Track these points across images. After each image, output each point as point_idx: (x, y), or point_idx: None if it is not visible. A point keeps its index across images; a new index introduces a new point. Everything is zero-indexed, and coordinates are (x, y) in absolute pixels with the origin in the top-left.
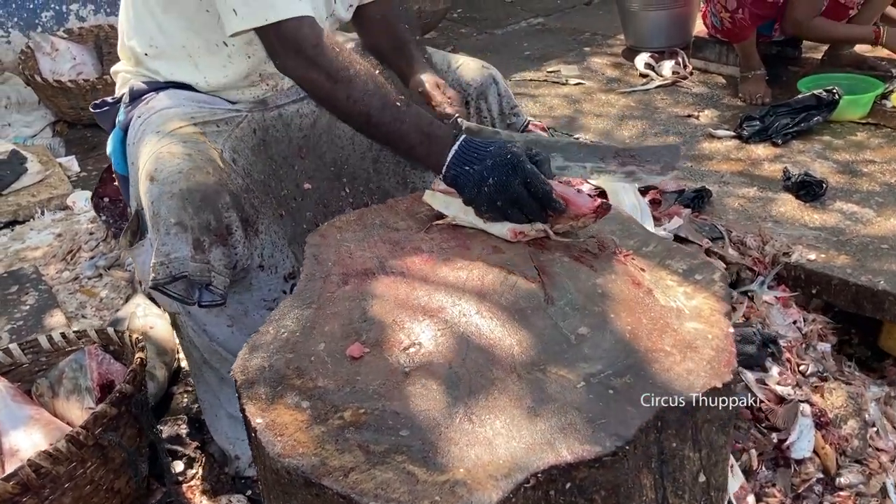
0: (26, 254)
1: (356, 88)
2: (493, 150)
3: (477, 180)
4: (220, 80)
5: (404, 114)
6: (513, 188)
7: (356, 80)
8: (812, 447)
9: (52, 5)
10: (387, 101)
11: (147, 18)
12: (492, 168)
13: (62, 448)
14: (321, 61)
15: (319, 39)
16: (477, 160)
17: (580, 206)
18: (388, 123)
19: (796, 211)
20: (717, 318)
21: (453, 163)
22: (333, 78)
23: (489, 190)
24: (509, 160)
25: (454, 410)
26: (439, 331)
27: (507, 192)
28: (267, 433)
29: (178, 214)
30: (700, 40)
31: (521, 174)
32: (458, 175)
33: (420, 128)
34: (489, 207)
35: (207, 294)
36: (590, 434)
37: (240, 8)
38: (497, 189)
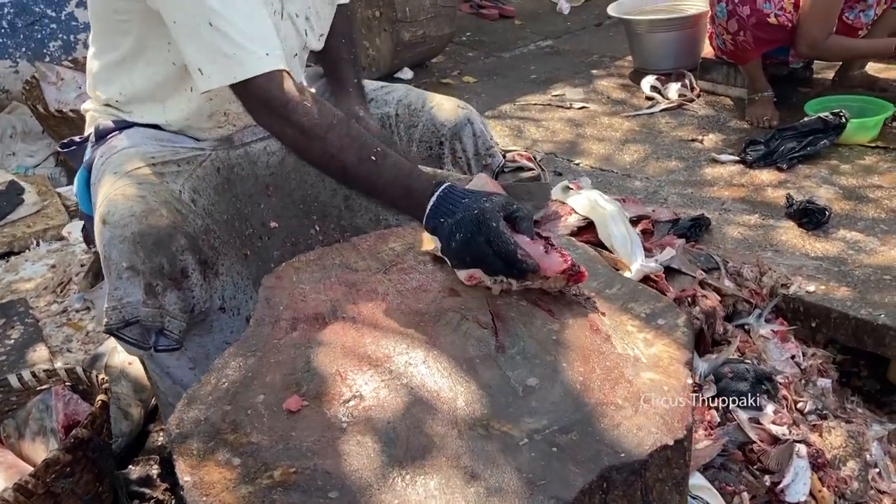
0: (18, 286)
1: (331, 144)
2: (467, 202)
3: (447, 234)
4: (184, 120)
5: (381, 167)
6: (477, 246)
7: (330, 135)
8: (808, 490)
9: (60, 35)
10: (363, 154)
11: (117, 68)
12: (458, 223)
13: (9, 497)
14: (293, 118)
15: (290, 96)
16: (449, 213)
17: (547, 267)
18: (366, 177)
19: (798, 239)
20: (676, 368)
21: (430, 214)
22: (307, 134)
23: (456, 245)
24: (475, 216)
25: (388, 470)
26: (382, 382)
27: (470, 249)
28: (193, 492)
29: (129, 258)
30: (707, 62)
31: (484, 232)
32: (436, 227)
33: (399, 181)
34: (459, 262)
35: (163, 339)
36: (528, 497)
37: (205, 67)
38: (463, 246)
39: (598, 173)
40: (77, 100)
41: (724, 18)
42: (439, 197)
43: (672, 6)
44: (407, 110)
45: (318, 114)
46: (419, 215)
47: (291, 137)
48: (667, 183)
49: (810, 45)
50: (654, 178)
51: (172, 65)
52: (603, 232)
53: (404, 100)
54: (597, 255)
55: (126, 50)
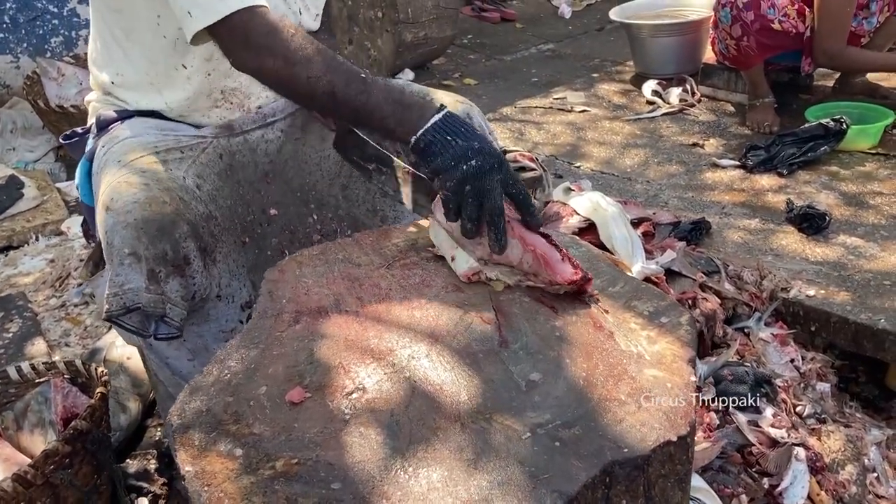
0: (17, 280)
1: (316, 66)
2: (482, 135)
3: (457, 154)
4: (182, 102)
5: (371, 85)
6: (490, 181)
7: (315, 59)
8: (806, 493)
9: (62, 31)
10: (350, 76)
11: (113, 48)
12: (478, 151)
13: (7, 488)
14: (275, 46)
15: (272, 25)
16: (462, 135)
17: (557, 273)
18: (355, 97)
19: (798, 244)
20: (680, 366)
21: (433, 128)
22: (291, 60)
23: (467, 169)
24: (497, 154)
25: (391, 462)
26: (385, 375)
27: (482, 180)
28: (195, 482)
29: (132, 245)
30: (709, 67)
31: (503, 172)
32: (435, 142)
33: (391, 97)
34: (456, 186)
35: (164, 326)
36: (530, 490)
37: (193, 9)
38: (474, 174)
39: (599, 176)
40: (77, 96)
41: (727, 23)
42: (446, 115)
43: (674, 11)
44: None
45: (300, 40)
46: (416, 127)
47: (274, 68)
48: (667, 187)
49: (828, 55)
50: (655, 181)
51: (164, 38)
52: (604, 233)
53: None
54: (600, 254)
55: (119, 29)
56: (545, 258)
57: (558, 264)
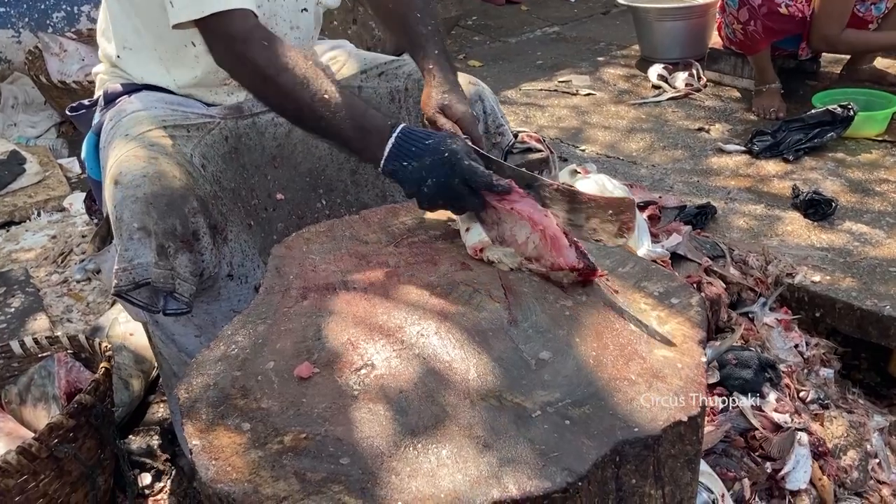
0: (19, 255)
1: (285, 83)
2: (432, 144)
3: (415, 179)
4: (190, 79)
5: (337, 106)
6: (452, 187)
7: (285, 74)
8: (808, 478)
9: (63, 6)
10: (317, 94)
11: (122, 20)
12: (430, 167)
13: (12, 460)
14: (249, 56)
15: (249, 34)
16: (415, 156)
17: (561, 256)
18: (321, 118)
19: (803, 230)
20: (690, 346)
21: (391, 156)
22: (262, 73)
23: (429, 190)
24: (447, 158)
25: (400, 438)
26: (394, 352)
27: (446, 191)
28: (202, 456)
29: (141, 219)
30: (715, 52)
31: (458, 173)
32: (396, 170)
33: (354, 120)
34: (430, 205)
35: (172, 302)
36: (540, 468)
37: (176, 3)
38: (437, 190)
39: (604, 160)
40: (80, 71)
41: (734, 7)
42: (399, 138)
43: None
44: (417, 85)
45: (274, 53)
46: (376, 157)
47: (248, 77)
48: (672, 171)
49: (825, 40)
50: (660, 166)
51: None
52: None
53: (415, 74)
54: None
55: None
56: (553, 239)
57: (564, 248)
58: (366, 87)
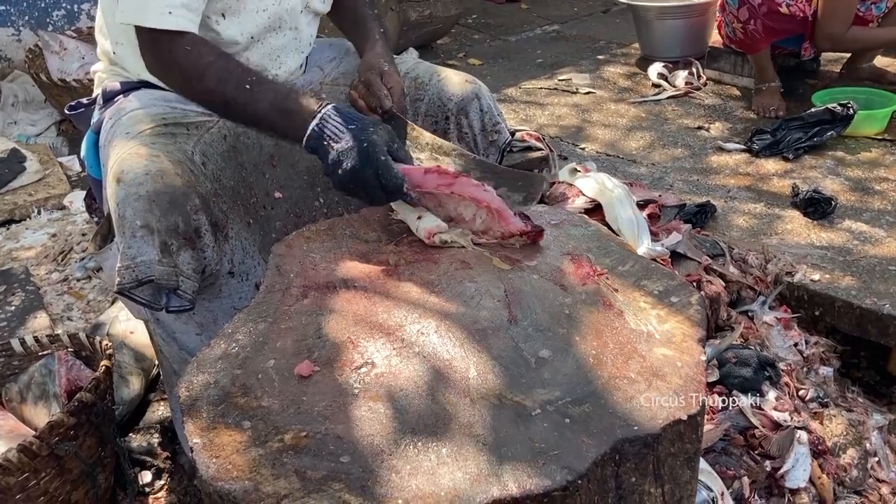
0: (19, 253)
1: (209, 80)
2: (354, 130)
3: (333, 160)
4: None
5: (259, 94)
6: (364, 177)
7: (208, 72)
8: (808, 476)
9: (64, 4)
10: (240, 84)
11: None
12: (346, 152)
13: (12, 458)
14: (176, 61)
15: (174, 41)
16: (336, 138)
17: (509, 225)
18: (245, 105)
19: (803, 229)
20: (690, 345)
21: (312, 135)
22: (187, 75)
23: (342, 174)
24: (365, 149)
25: (400, 436)
26: (394, 350)
27: (357, 179)
28: (203, 454)
29: (144, 217)
30: (715, 51)
31: (373, 165)
32: (317, 148)
33: (276, 104)
34: (342, 188)
35: (175, 299)
36: (540, 466)
37: (122, 3)
38: (350, 175)
39: (604, 158)
40: (80, 69)
41: (734, 7)
42: (322, 118)
43: None
44: (413, 83)
45: (196, 54)
46: (299, 136)
47: (176, 81)
48: (672, 170)
49: (831, 39)
50: (660, 164)
51: None
52: (610, 214)
53: (412, 72)
54: (609, 233)
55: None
56: (499, 211)
57: (510, 217)
58: None
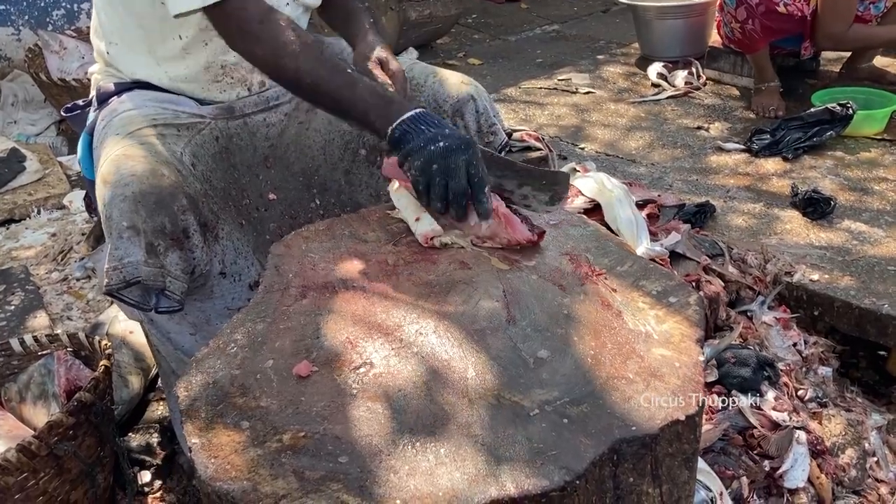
0: (18, 253)
1: (304, 60)
2: (454, 128)
3: (427, 138)
4: (181, 72)
5: (356, 79)
6: (455, 160)
7: (304, 52)
8: (807, 476)
9: (63, 4)
10: (337, 68)
11: (111, 16)
12: (447, 136)
13: (11, 458)
14: (265, 37)
15: (265, 15)
16: (435, 125)
17: (517, 233)
18: (340, 89)
19: (802, 229)
20: (688, 345)
21: (408, 120)
22: (279, 52)
23: (434, 149)
24: (466, 139)
25: (398, 437)
26: (393, 350)
27: (448, 159)
28: (201, 454)
29: (130, 218)
30: (715, 50)
31: (469, 155)
32: (409, 131)
33: (375, 91)
34: (422, 165)
35: (164, 300)
36: (538, 466)
37: None
38: (441, 153)
39: (603, 158)
40: (79, 69)
41: (732, 7)
42: (422, 111)
43: None
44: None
45: (290, 33)
46: (391, 119)
47: (264, 58)
48: (672, 169)
49: (832, 38)
50: (659, 164)
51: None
52: (609, 214)
53: (408, 73)
54: (608, 233)
55: None
56: (507, 218)
57: (518, 225)
58: None
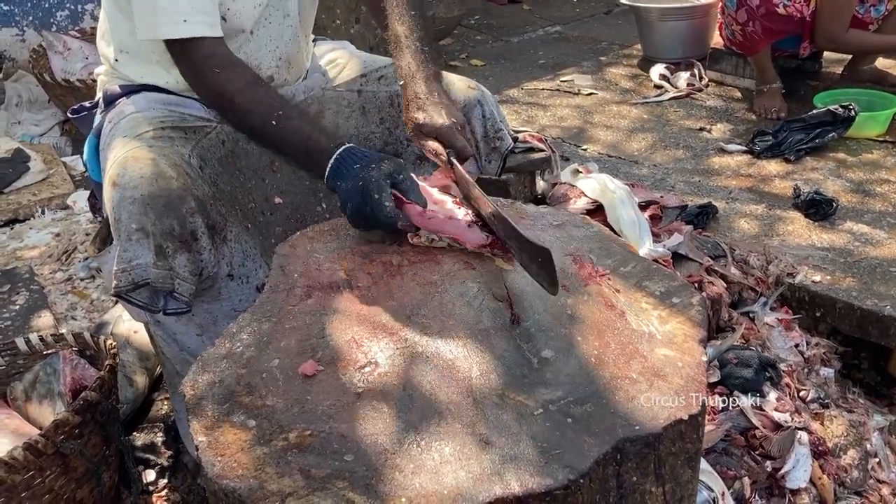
0: (23, 253)
1: (237, 108)
2: (357, 169)
3: (342, 200)
4: None
5: (282, 130)
6: (364, 215)
7: (236, 100)
8: (808, 477)
9: (68, 4)
10: (266, 118)
11: (119, 21)
12: (350, 192)
13: (18, 456)
14: (204, 82)
15: (204, 60)
16: (344, 178)
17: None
18: (270, 139)
19: (804, 230)
20: (691, 345)
21: (330, 175)
22: (218, 98)
23: (350, 212)
24: (360, 188)
25: (403, 435)
26: (397, 350)
27: (360, 217)
28: (208, 452)
29: (139, 220)
30: (717, 52)
31: (369, 203)
32: (335, 188)
33: (300, 144)
34: (353, 225)
35: (172, 301)
36: (542, 465)
37: (139, 21)
38: (354, 213)
39: (606, 159)
40: (83, 70)
41: (733, 8)
42: (336, 160)
43: None
44: None
45: (225, 79)
46: (320, 176)
47: (207, 98)
48: (674, 171)
49: (829, 39)
50: (662, 165)
51: None
52: (612, 215)
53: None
54: (611, 234)
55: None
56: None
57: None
58: (365, 90)
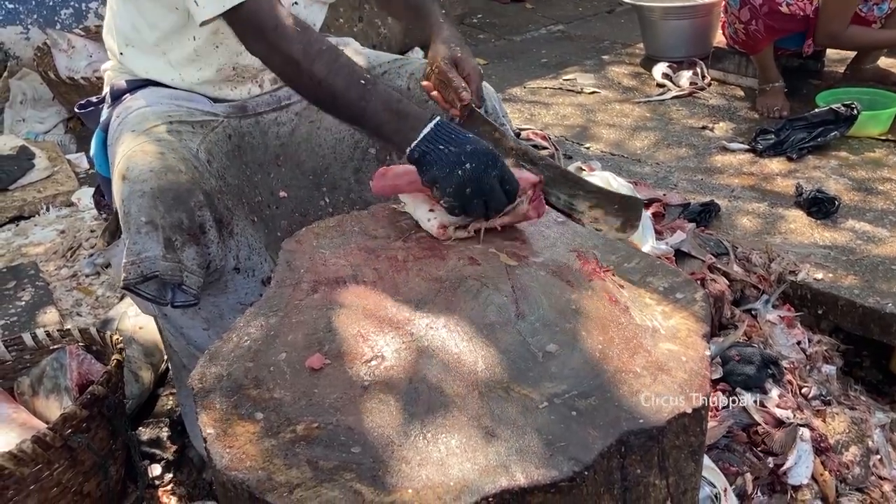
0: (28, 249)
1: (319, 70)
2: (472, 138)
3: (451, 161)
4: (194, 74)
5: (370, 92)
6: (488, 180)
7: (318, 62)
8: (810, 473)
9: (72, 3)
10: (352, 79)
11: (124, 17)
12: (470, 154)
13: (27, 449)
14: (282, 44)
15: (278, 21)
16: (454, 142)
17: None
18: (355, 102)
19: (807, 228)
20: (694, 340)
21: (425, 139)
22: (295, 61)
23: (463, 174)
24: (490, 153)
25: (409, 427)
26: (403, 344)
27: (480, 181)
28: (216, 444)
29: (148, 213)
30: (719, 51)
31: (498, 169)
32: (428, 152)
33: (389, 105)
34: (455, 191)
35: (180, 294)
36: (547, 458)
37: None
38: (471, 176)
39: (609, 158)
40: (88, 67)
41: (736, 7)
42: (437, 125)
43: None
44: (419, 85)
45: (306, 41)
46: (409, 138)
47: (280, 65)
48: (677, 169)
49: (830, 36)
50: (665, 164)
51: (175, 9)
52: None
53: (416, 74)
54: None
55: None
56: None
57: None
58: None
